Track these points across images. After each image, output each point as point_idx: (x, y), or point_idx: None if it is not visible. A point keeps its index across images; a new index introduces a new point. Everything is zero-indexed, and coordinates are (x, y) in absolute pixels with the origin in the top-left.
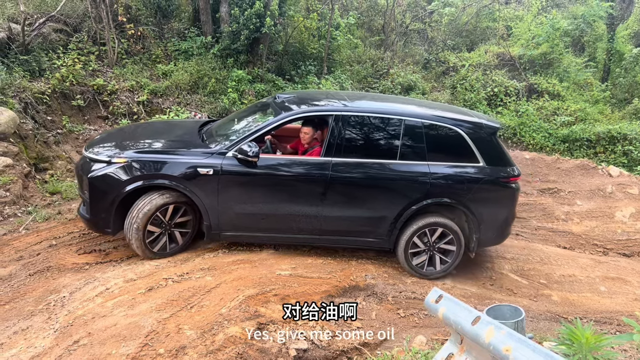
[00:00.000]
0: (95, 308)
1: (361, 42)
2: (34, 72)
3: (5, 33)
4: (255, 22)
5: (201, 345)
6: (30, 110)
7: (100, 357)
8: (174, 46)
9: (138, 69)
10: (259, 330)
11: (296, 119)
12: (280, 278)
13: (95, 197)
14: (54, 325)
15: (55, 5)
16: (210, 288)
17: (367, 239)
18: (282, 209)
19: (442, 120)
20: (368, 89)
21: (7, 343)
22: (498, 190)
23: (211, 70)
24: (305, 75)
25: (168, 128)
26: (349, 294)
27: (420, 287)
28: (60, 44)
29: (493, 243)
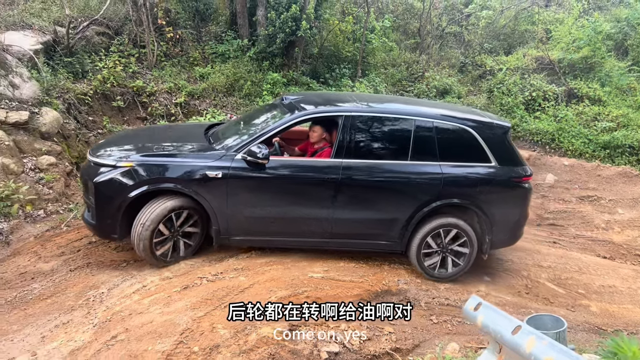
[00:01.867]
0: (132, 305)
1: (396, 45)
2: (77, 74)
3: (51, 36)
4: (291, 25)
5: (234, 345)
6: (73, 111)
7: (137, 353)
8: (211, 49)
9: (176, 71)
10: (290, 332)
11: (306, 120)
12: (312, 280)
13: (101, 203)
14: (93, 320)
15: (98, 8)
16: (244, 288)
17: (379, 241)
18: (292, 212)
19: (453, 120)
20: (402, 93)
21: (48, 336)
22: (510, 191)
23: (247, 73)
24: (340, 78)
25: (174, 131)
26: (381, 298)
27: (454, 293)
28: (102, 46)
29: (506, 244)
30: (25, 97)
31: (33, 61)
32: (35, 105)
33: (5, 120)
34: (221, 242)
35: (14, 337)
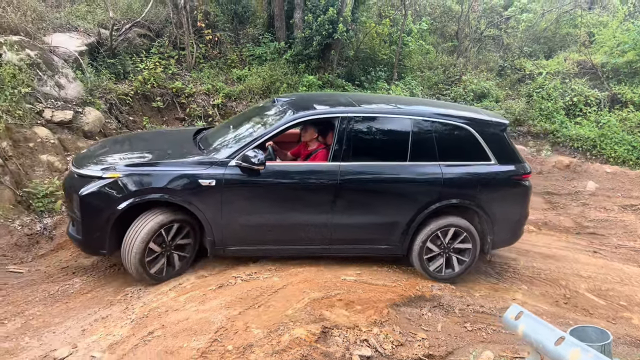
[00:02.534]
0: (168, 301)
1: (433, 48)
2: (119, 75)
3: (95, 38)
4: (328, 28)
5: (267, 345)
6: (114, 111)
7: (173, 349)
8: (248, 51)
9: (214, 73)
10: (323, 334)
11: (302, 123)
12: (345, 283)
13: (88, 216)
14: (131, 315)
15: (140, 11)
16: (277, 289)
17: (379, 246)
18: (289, 218)
19: (451, 118)
20: (439, 96)
21: (88, 329)
22: (511, 189)
23: (283, 75)
24: (375, 81)
25: (161, 137)
26: (414, 303)
27: (489, 301)
28: (143, 48)
29: (507, 243)
30: (70, 97)
31: (78, 62)
32: (79, 105)
33: (51, 119)
34: (216, 253)
35: (55, 329)
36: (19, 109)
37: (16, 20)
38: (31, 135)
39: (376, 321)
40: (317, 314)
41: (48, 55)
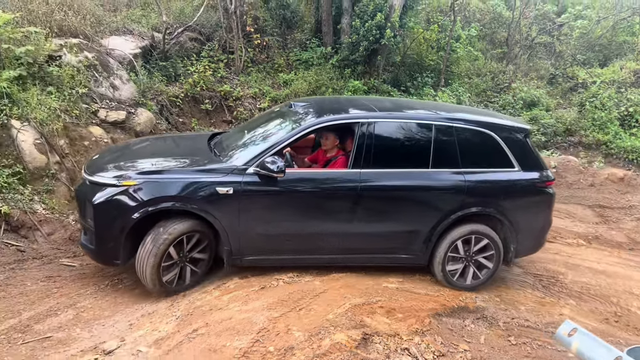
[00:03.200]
0: (212, 300)
1: (482, 54)
2: (170, 77)
3: (149, 41)
4: (375, 33)
5: (308, 348)
6: (165, 112)
7: (216, 348)
8: (295, 56)
9: (261, 77)
10: (364, 340)
11: (321, 128)
12: (386, 290)
13: (102, 226)
14: (176, 312)
15: (192, 15)
16: (318, 293)
17: (400, 255)
18: (308, 227)
19: (473, 123)
20: (487, 103)
21: (135, 324)
22: (535, 196)
23: (329, 80)
24: (422, 87)
25: (176, 143)
26: (457, 314)
27: (535, 315)
28: (194, 51)
29: (529, 252)
30: (124, 98)
31: (132, 64)
32: (132, 106)
33: (105, 119)
34: (233, 263)
35: (105, 322)
36: (76, 108)
37: (76, 24)
38: (86, 134)
39: (417, 330)
40: (357, 319)
41: (104, 57)
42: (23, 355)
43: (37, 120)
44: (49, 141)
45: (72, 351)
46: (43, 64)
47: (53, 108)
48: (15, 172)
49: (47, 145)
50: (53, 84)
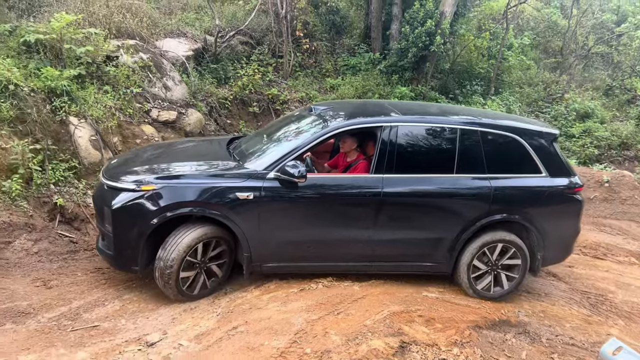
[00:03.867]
0: (252, 299)
1: (534, 63)
2: (220, 80)
3: (201, 43)
4: (425, 40)
5: (345, 353)
6: (214, 114)
7: (255, 346)
8: (343, 61)
9: (309, 82)
10: (401, 349)
11: (344, 132)
12: (426, 300)
13: (120, 231)
14: (217, 309)
15: (244, 19)
16: (357, 298)
17: (424, 263)
18: (330, 234)
19: (500, 128)
20: (538, 113)
21: (178, 318)
22: (563, 203)
23: (376, 85)
24: (470, 95)
25: (194, 147)
26: (498, 327)
27: (580, 333)
28: (244, 55)
29: (556, 261)
30: (175, 99)
31: (184, 66)
32: (183, 107)
33: (157, 119)
34: (252, 270)
35: (149, 315)
36: (130, 107)
37: (133, 26)
38: (139, 132)
39: (457, 341)
40: (395, 327)
41: (158, 58)
42: (72, 342)
43: (93, 117)
44: (103, 138)
45: (117, 341)
46: (101, 63)
47: (108, 106)
48: (71, 166)
49: (102, 142)
50: (109, 83)
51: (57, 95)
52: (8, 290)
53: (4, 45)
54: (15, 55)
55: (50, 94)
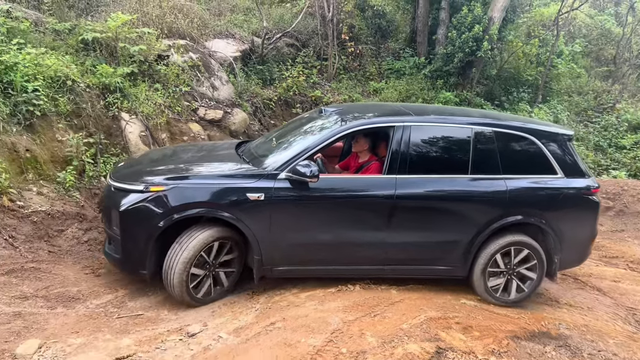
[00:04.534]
0: (290, 297)
1: (585, 71)
2: (266, 81)
3: (248, 45)
4: (472, 45)
5: (380, 355)
6: (258, 114)
7: (291, 343)
8: (387, 65)
9: (352, 85)
10: (437, 354)
11: (355, 133)
12: (464, 307)
13: (128, 234)
14: (255, 305)
15: (291, 22)
16: (394, 301)
17: (438, 266)
18: (342, 236)
19: (515, 128)
20: (587, 123)
21: (217, 312)
22: (580, 205)
23: (420, 90)
24: (517, 102)
25: (204, 149)
26: (537, 339)
27: (625, 350)
28: (289, 57)
29: (574, 264)
30: (222, 98)
31: (231, 67)
32: (229, 106)
33: (203, 117)
34: (263, 274)
35: (190, 307)
36: (179, 105)
37: (184, 26)
38: (186, 130)
39: (494, 350)
40: (432, 332)
41: (207, 58)
42: (117, 328)
43: (143, 114)
44: (152, 134)
45: (160, 330)
46: (152, 62)
47: (158, 104)
48: (122, 160)
49: (151, 137)
50: (160, 81)
51: (110, 91)
52: (60, 276)
53: (63, 43)
54: (74, 52)
55: (104, 90)
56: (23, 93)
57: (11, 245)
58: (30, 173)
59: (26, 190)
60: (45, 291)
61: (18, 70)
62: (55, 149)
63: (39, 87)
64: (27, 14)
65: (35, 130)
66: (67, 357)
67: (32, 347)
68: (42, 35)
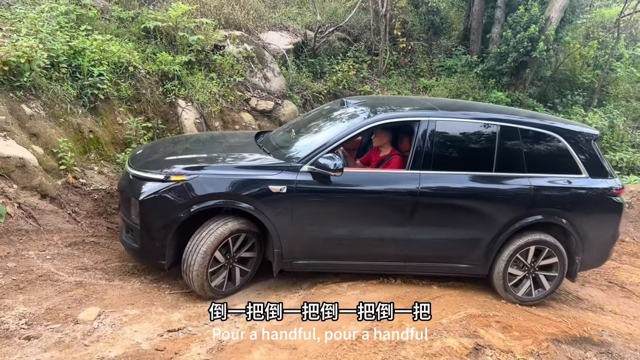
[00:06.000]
0: (332, 285)
1: None
2: (316, 74)
3: (301, 38)
4: (527, 45)
5: (419, 346)
6: (307, 106)
7: (333, 328)
8: (439, 62)
9: (402, 81)
10: (475, 350)
11: (380, 126)
12: (505, 307)
13: (148, 223)
14: (299, 290)
15: (344, 16)
16: (434, 296)
17: (459, 264)
18: (363, 231)
19: (541, 126)
20: None
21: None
22: (604, 205)
23: (471, 89)
24: (571, 105)
25: (223, 139)
26: (578, 344)
27: None
28: (341, 51)
29: (595, 265)
30: (273, 90)
31: (284, 59)
32: (280, 98)
33: (255, 107)
34: (282, 267)
35: None
36: (232, 95)
37: (240, 18)
38: (238, 119)
39: (533, 352)
40: (471, 329)
41: (261, 50)
42: (169, 303)
43: (199, 102)
44: (206, 121)
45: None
46: (209, 52)
47: (213, 92)
48: (139, 147)
49: (205, 125)
50: (215, 71)
51: (168, 78)
52: (117, 251)
53: (126, 31)
54: (136, 40)
55: (163, 77)
56: (89, 77)
57: (74, 219)
58: (93, 153)
59: (88, 169)
60: (104, 264)
61: (85, 55)
62: (116, 132)
63: (103, 72)
64: (95, 1)
65: (99, 113)
66: (123, 325)
67: (93, 314)
68: (108, 23)
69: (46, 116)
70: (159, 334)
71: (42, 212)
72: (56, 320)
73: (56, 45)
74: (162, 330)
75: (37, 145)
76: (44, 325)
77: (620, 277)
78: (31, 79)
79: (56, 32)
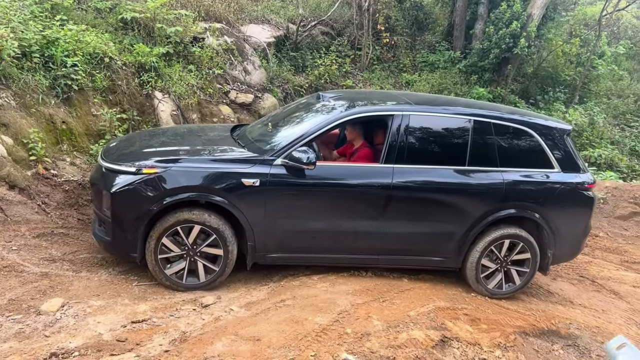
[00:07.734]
0: (302, 277)
1: (628, 74)
2: (298, 68)
3: (283, 31)
4: (508, 42)
5: (384, 338)
6: (288, 100)
7: (299, 320)
8: (422, 57)
9: (384, 76)
10: (441, 342)
11: (353, 120)
12: (474, 300)
13: (119, 216)
14: (269, 283)
15: (327, 10)
16: (404, 289)
17: (432, 257)
18: (336, 224)
19: (514, 121)
20: (624, 127)
21: (232, 287)
22: (576, 200)
23: (453, 84)
24: (552, 101)
25: (198, 132)
26: (545, 336)
27: None
28: (323, 45)
29: (567, 259)
30: (253, 83)
31: (265, 52)
32: (260, 91)
33: (234, 100)
34: (255, 260)
35: None
36: (211, 87)
37: (221, 10)
38: (216, 112)
39: (500, 344)
40: (439, 322)
41: (241, 43)
42: (135, 295)
43: (176, 93)
44: (183, 114)
45: (176, 299)
46: (188, 44)
47: (191, 84)
48: (113, 140)
49: (182, 117)
50: (194, 63)
51: (145, 70)
52: (87, 242)
53: (103, 21)
54: (113, 30)
55: (139, 68)
56: (62, 67)
57: (44, 210)
58: (65, 144)
59: (60, 160)
60: (72, 256)
61: (59, 45)
62: (90, 123)
63: (77, 62)
64: None
65: (72, 104)
66: (87, 316)
67: (56, 305)
68: (84, 13)
69: (17, 106)
70: (122, 325)
71: (10, 202)
72: (18, 311)
73: (28, 35)
74: (126, 321)
75: (7, 135)
76: (5, 316)
77: (591, 271)
78: (1, 69)
79: (29, 21)
